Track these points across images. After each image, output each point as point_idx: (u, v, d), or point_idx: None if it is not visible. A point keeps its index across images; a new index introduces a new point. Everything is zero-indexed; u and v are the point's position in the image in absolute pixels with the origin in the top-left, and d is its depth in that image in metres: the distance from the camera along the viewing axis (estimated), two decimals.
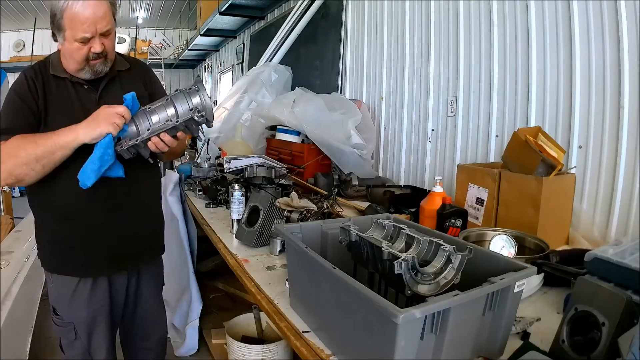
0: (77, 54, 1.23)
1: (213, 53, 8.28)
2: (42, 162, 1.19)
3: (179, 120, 1.23)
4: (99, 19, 1.20)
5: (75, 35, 1.20)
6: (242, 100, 3.62)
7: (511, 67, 1.92)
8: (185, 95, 1.24)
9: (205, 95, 1.25)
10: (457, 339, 0.75)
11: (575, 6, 1.61)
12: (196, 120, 1.23)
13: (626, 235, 1.47)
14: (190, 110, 1.23)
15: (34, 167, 1.19)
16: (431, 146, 2.42)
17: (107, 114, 1.19)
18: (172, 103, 1.24)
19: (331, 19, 3.50)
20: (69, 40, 1.21)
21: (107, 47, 1.27)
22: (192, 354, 2.49)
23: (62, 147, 1.19)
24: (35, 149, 1.17)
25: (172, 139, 1.25)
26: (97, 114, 1.20)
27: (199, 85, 1.25)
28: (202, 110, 1.23)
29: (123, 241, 1.39)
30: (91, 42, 1.22)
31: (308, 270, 0.97)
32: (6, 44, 8.71)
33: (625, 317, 0.74)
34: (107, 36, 1.26)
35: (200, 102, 1.23)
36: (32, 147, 1.17)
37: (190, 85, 1.27)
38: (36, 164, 1.18)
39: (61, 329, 1.39)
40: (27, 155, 1.17)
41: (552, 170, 1.47)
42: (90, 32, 1.20)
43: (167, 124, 1.23)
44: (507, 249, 1.27)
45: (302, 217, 1.62)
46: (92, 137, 1.18)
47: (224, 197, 2.18)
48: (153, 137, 1.23)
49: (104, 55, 1.27)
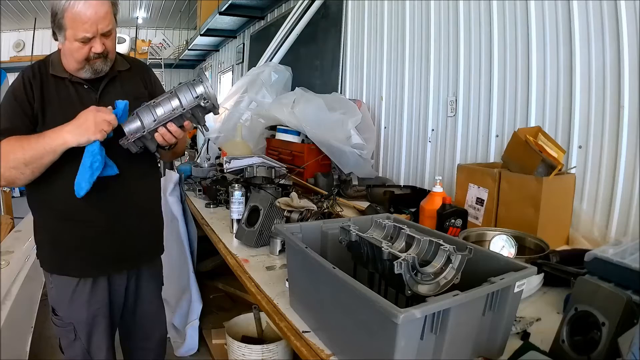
0: (77, 53, 1.23)
1: (213, 53, 8.28)
2: (31, 167, 1.20)
3: (185, 108, 1.24)
4: (100, 18, 1.20)
5: (76, 35, 1.20)
6: (242, 100, 3.61)
7: (511, 67, 1.92)
8: (189, 86, 1.26)
9: (209, 85, 1.26)
10: (457, 339, 0.75)
11: (575, 6, 1.61)
12: (203, 107, 1.24)
13: (626, 235, 1.47)
14: (196, 98, 1.24)
15: (23, 172, 1.20)
16: (431, 146, 2.42)
17: (95, 120, 1.19)
18: (175, 95, 1.26)
19: (331, 19, 3.50)
20: (69, 39, 1.21)
21: (108, 47, 1.27)
22: (192, 354, 2.49)
23: (50, 152, 1.19)
24: (24, 154, 1.18)
25: (178, 129, 1.25)
26: (85, 118, 1.19)
27: (202, 77, 1.26)
28: (207, 98, 1.24)
29: (123, 241, 1.39)
30: (92, 42, 1.22)
31: (308, 270, 0.97)
32: (6, 44, 8.70)
33: (625, 317, 0.74)
34: (108, 36, 1.26)
35: (204, 91, 1.25)
36: (19, 151, 1.18)
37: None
38: (25, 168, 1.19)
39: (61, 329, 1.39)
40: (15, 160, 1.18)
41: (552, 170, 1.47)
42: (91, 32, 1.20)
43: (174, 113, 1.24)
44: (507, 249, 1.27)
45: (302, 217, 1.62)
46: (80, 143, 1.19)
47: (224, 197, 2.18)
48: (160, 127, 1.23)
49: (105, 55, 1.27)
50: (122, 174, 1.31)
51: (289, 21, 3.84)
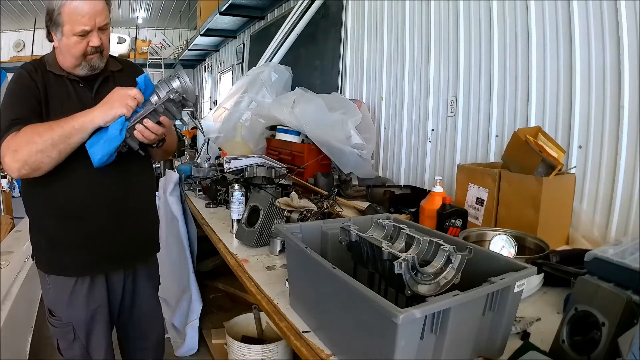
0: (75, 48, 1.24)
1: (213, 53, 8.27)
2: (59, 148, 1.18)
3: (156, 103, 1.24)
4: (97, 12, 1.23)
5: (75, 29, 1.21)
6: (242, 100, 3.61)
7: (511, 67, 1.92)
8: (167, 81, 1.26)
9: (185, 80, 1.26)
10: (457, 339, 0.75)
11: (575, 6, 1.61)
12: (174, 100, 1.23)
13: (626, 235, 1.47)
14: (167, 92, 1.24)
15: (50, 154, 1.18)
16: (431, 146, 2.42)
17: (120, 95, 1.20)
18: (154, 91, 1.26)
19: (331, 19, 3.50)
20: (67, 35, 1.23)
21: (104, 42, 1.29)
22: (192, 354, 2.49)
23: (79, 129, 1.19)
24: (52, 134, 1.17)
25: (155, 125, 1.24)
26: (110, 97, 1.21)
27: (179, 72, 1.26)
28: (178, 92, 1.24)
29: (120, 239, 1.39)
30: (90, 36, 1.24)
31: (308, 270, 0.97)
32: (6, 44, 8.71)
33: (625, 317, 0.74)
34: (104, 31, 1.28)
35: (180, 85, 1.25)
36: (47, 132, 1.17)
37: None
38: (52, 149, 1.17)
39: (59, 330, 1.39)
40: (43, 142, 1.16)
41: (552, 170, 1.47)
42: (89, 25, 1.22)
43: (147, 109, 1.24)
44: (507, 249, 1.27)
45: (302, 217, 1.62)
46: (107, 120, 1.19)
47: (224, 197, 2.18)
48: (137, 124, 1.23)
49: (100, 51, 1.29)
50: (118, 173, 1.33)
51: (289, 21, 3.84)
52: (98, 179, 1.30)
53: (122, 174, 1.35)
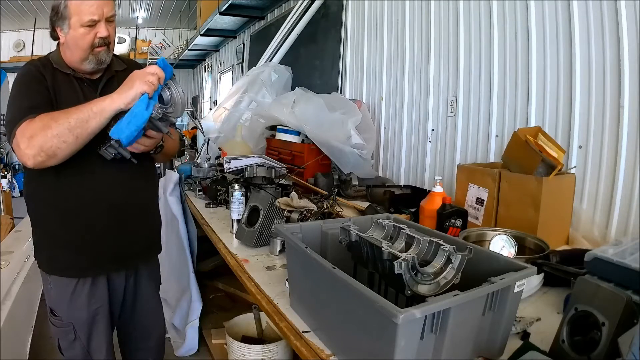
0: (82, 40, 1.24)
1: (213, 53, 8.27)
2: (76, 132, 1.14)
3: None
4: (105, 3, 1.24)
5: (82, 19, 1.21)
6: (242, 100, 3.61)
7: (511, 67, 1.92)
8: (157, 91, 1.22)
9: (176, 89, 1.25)
10: (457, 339, 0.75)
11: (575, 6, 1.61)
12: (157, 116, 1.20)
13: (626, 235, 1.47)
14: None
15: (67, 138, 1.14)
16: (431, 146, 2.42)
17: (139, 75, 1.18)
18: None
19: (331, 19, 3.50)
20: (74, 27, 1.23)
21: (111, 34, 1.29)
22: (192, 354, 2.49)
23: (97, 113, 1.15)
24: (68, 118, 1.14)
25: (143, 138, 1.24)
26: (130, 78, 1.19)
27: (171, 82, 1.25)
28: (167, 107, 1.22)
29: (122, 240, 1.39)
30: (97, 27, 1.24)
31: (308, 270, 0.97)
32: (6, 44, 8.72)
33: (625, 317, 0.74)
34: (111, 22, 1.28)
35: (170, 95, 1.24)
36: (63, 117, 1.14)
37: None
38: (69, 134, 1.13)
39: (60, 330, 1.39)
40: (59, 127, 1.13)
41: (552, 170, 1.47)
42: (97, 14, 1.22)
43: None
44: (507, 249, 1.27)
45: (302, 217, 1.62)
46: (127, 102, 1.16)
47: (224, 197, 2.17)
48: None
49: (107, 43, 1.29)
50: (122, 174, 1.33)
51: (289, 21, 3.84)
52: (101, 180, 1.30)
53: (125, 175, 1.35)
